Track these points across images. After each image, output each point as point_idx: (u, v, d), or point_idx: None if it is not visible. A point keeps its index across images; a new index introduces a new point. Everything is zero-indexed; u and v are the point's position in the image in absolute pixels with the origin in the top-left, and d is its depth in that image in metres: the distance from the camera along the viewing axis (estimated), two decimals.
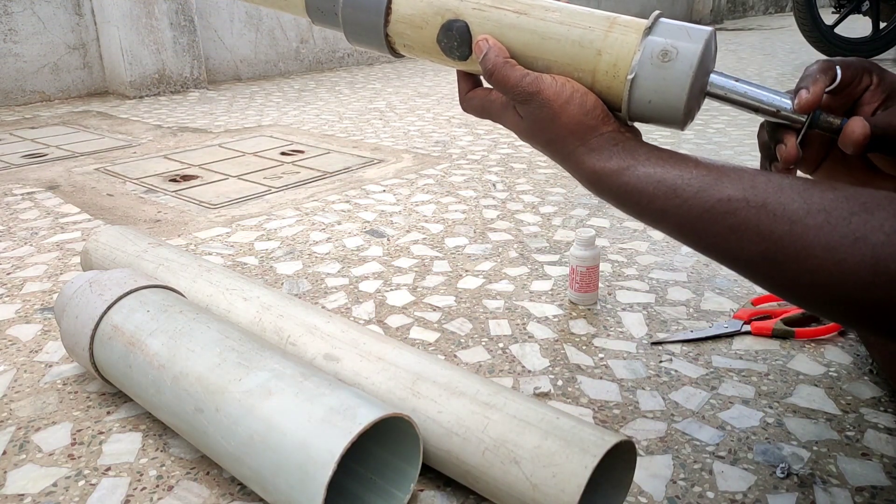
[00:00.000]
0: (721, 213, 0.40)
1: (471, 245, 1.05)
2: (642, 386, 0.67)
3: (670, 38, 0.44)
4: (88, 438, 0.61)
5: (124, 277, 0.66)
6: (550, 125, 0.46)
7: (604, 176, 0.45)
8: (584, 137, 0.46)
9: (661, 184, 0.43)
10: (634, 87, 0.44)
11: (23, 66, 2.48)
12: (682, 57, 0.43)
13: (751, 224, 0.39)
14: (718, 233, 0.41)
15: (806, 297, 0.39)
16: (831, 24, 3.19)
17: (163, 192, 1.37)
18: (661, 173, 0.43)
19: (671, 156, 0.44)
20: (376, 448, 0.54)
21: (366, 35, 0.52)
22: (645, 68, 0.44)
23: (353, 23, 0.51)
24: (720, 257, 0.42)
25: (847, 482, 0.54)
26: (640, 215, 0.45)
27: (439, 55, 0.50)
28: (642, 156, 0.45)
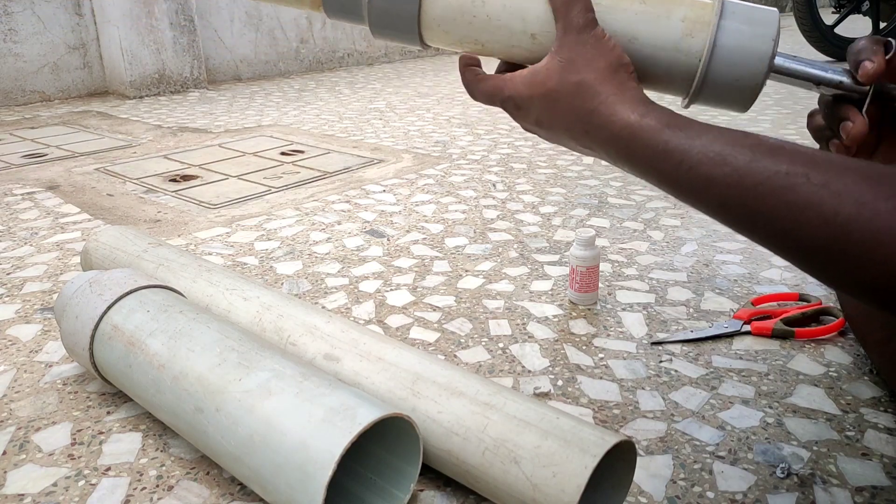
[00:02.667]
0: (777, 188, 0.35)
1: (471, 245, 1.05)
2: (642, 386, 0.67)
3: (744, 23, 0.43)
4: (88, 438, 0.61)
5: (124, 277, 0.66)
6: (586, 66, 0.41)
7: (639, 131, 0.39)
8: (621, 87, 0.41)
9: (707, 148, 0.38)
10: (713, 59, 0.43)
11: (23, 66, 2.48)
12: (760, 34, 0.43)
13: (812, 203, 0.34)
14: (772, 210, 0.35)
15: (869, 291, 0.34)
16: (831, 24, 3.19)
17: (163, 192, 1.37)
18: (708, 138, 0.38)
19: (714, 126, 0.39)
20: (376, 448, 0.54)
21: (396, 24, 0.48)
22: (724, 43, 0.42)
23: (383, 12, 0.48)
24: (770, 240, 0.37)
25: (847, 482, 0.54)
26: (676, 185, 0.39)
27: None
28: (682, 120, 0.40)
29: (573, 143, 0.44)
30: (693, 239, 1.06)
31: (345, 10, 0.50)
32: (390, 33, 0.49)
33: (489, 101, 0.48)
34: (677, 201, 1.24)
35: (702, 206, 0.39)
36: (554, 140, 0.47)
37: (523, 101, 0.44)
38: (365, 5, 0.48)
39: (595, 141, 0.42)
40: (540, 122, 0.44)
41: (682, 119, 0.40)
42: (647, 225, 1.13)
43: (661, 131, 0.39)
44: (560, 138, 0.45)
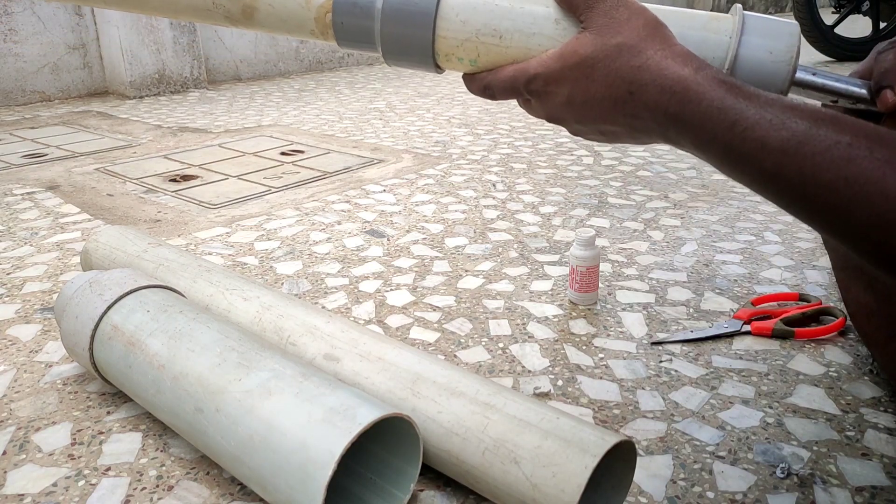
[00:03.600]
0: (837, 158, 0.33)
1: (471, 245, 1.05)
2: (642, 386, 0.67)
3: (763, 38, 0.43)
4: (88, 438, 0.61)
5: (124, 277, 0.66)
6: (624, 26, 0.39)
7: (694, 84, 0.36)
8: (666, 42, 0.38)
9: (764, 111, 0.35)
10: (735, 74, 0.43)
11: (23, 66, 2.48)
12: (779, 56, 0.42)
13: (873, 178, 0.32)
14: (830, 182, 0.33)
15: None
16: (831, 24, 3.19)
17: (163, 192, 1.37)
18: (765, 100, 0.36)
19: (770, 93, 0.37)
20: (376, 448, 0.54)
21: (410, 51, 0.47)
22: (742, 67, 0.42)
23: (396, 39, 0.47)
24: (822, 214, 0.35)
25: (847, 482, 0.54)
26: (727, 150, 0.36)
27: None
28: (736, 81, 0.37)
29: (610, 116, 0.41)
30: (693, 239, 1.06)
31: (357, 39, 0.49)
32: (404, 57, 0.48)
33: (510, 88, 0.44)
34: (678, 200, 1.24)
35: (751, 174, 0.36)
36: (587, 120, 0.43)
37: (553, 75, 0.41)
38: (377, 32, 0.47)
39: (640, 102, 0.38)
40: (572, 98, 0.41)
41: (737, 80, 0.38)
42: (647, 225, 1.13)
43: (716, 88, 0.37)
44: (595, 113, 0.41)
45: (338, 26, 0.48)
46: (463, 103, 2.36)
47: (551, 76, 0.41)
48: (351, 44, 0.49)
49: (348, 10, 0.47)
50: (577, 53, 0.40)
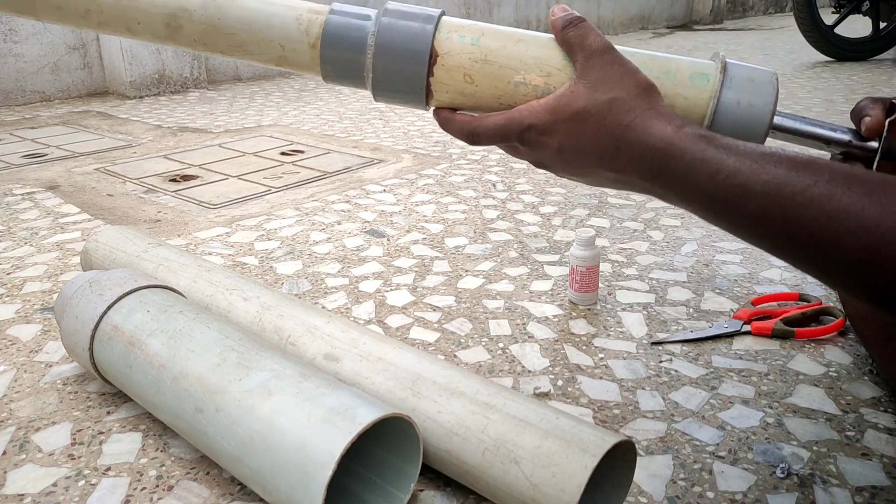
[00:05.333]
0: (818, 196, 0.34)
1: (471, 245, 1.05)
2: (642, 386, 0.67)
3: (742, 93, 0.45)
4: (88, 438, 0.61)
5: (124, 277, 0.66)
6: (617, 84, 0.41)
7: (677, 140, 0.38)
8: (653, 103, 0.40)
9: (744, 159, 0.37)
10: (714, 125, 0.45)
11: (23, 66, 2.48)
12: (757, 110, 0.44)
13: (853, 212, 0.33)
14: (812, 220, 0.34)
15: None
16: (831, 24, 3.19)
17: (163, 192, 1.37)
18: (744, 150, 0.37)
19: (748, 143, 0.39)
20: (376, 448, 0.54)
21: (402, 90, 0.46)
22: (721, 121, 0.44)
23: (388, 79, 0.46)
24: (808, 253, 0.36)
25: (847, 482, 0.54)
26: (710, 199, 0.38)
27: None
28: (717, 135, 0.39)
29: (598, 169, 0.43)
30: (693, 239, 1.06)
31: (346, 76, 0.48)
32: (394, 95, 0.47)
33: (501, 136, 0.45)
34: None
35: (737, 220, 0.38)
36: (574, 169, 0.44)
37: (546, 127, 0.42)
38: (369, 68, 0.46)
39: (626, 158, 0.40)
40: (563, 148, 0.42)
41: (716, 134, 0.40)
42: (647, 225, 1.13)
43: (697, 141, 0.38)
44: (583, 164, 0.43)
45: (325, 58, 0.47)
46: None
47: (544, 127, 0.43)
48: (337, 77, 0.48)
49: (338, 43, 0.46)
50: (570, 107, 0.42)
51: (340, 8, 0.47)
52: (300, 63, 0.48)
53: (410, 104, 0.48)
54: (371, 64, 0.45)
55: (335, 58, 0.47)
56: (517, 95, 0.45)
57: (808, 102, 2.23)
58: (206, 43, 0.48)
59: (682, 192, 0.39)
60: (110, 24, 0.49)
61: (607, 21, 5.26)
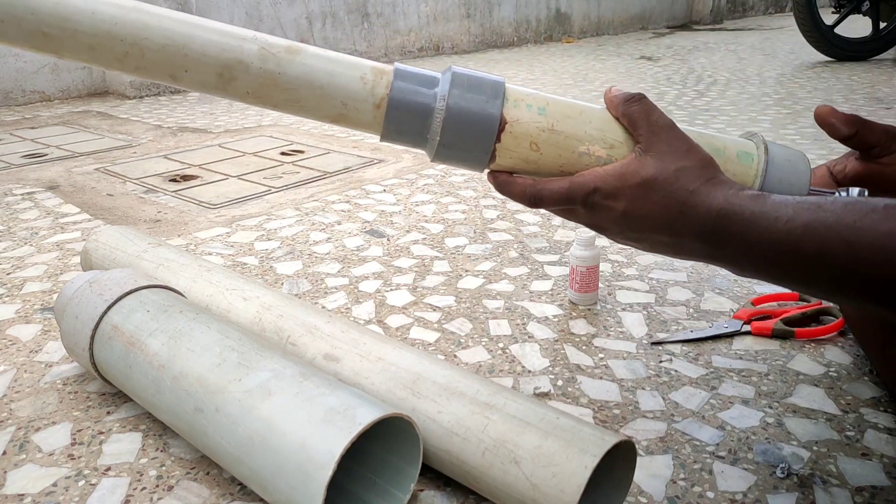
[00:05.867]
0: (879, 220, 0.37)
1: (471, 245, 1.05)
2: (642, 386, 0.67)
3: (783, 172, 0.48)
4: (88, 438, 0.61)
5: (124, 277, 0.66)
6: (684, 156, 0.44)
7: (736, 200, 0.42)
8: (717, 174, 0.44)
9: (800, 204, 0.40)
10: None
11: (23, 66, 2.48)
12: (796, 189, 0.48)
13: None
14: (877, 239, 0.37)
15: None
16: (831, 24, 3.19)
17: (163, 192, 1.37)
18: (797, 200, 0.40)
19: None
20: (376, 448, 0.54)
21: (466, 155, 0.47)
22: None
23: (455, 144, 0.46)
24: (877, 279, 0.38)
25: (847, 482, 0.54)
26: (771, 245, 0.40)
27: None
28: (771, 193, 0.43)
29: (656, 234, 0.45)
30: None
31: (408, 137, 0.48)
32: (456, 159, 0.48)
33: (566, 199, 0.46)
34: None
35: (796, 262, 0.40)
36: (633, 233, 0.46)
37: (613, 191, 0.45)
38: (436, 132, 0.46)
39: (688, 222, 0.43)
40: (627, 213, 0.45)
41: (771, 193, 0.43)
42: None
43: (755, 199, 0.42)
44: (643, 228, 0.45)
45: (390, 119, 0.46)
46: None
47: (611, 192, 0.45)
48: (398, 137, 0.47)
49: (406, 105, 0.46)
50: (638, 174, 0.44)
51: (405, 70, 0.46)
52: (360, 122, 0.47)
53: (469, 167, 0.48)
54: (440, 129, 0.45)
55: (401, 119, 0.46)
56: (580, 165, 0.47)
57: (808, 102, 2.23)
58: (260, 96, 0.46)
59: (739, 249, 0.42)
60: (150, 70, 0.45)
61: (607, 21, 5.26)
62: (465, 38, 4.15)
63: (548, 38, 4.76)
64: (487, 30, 4.29)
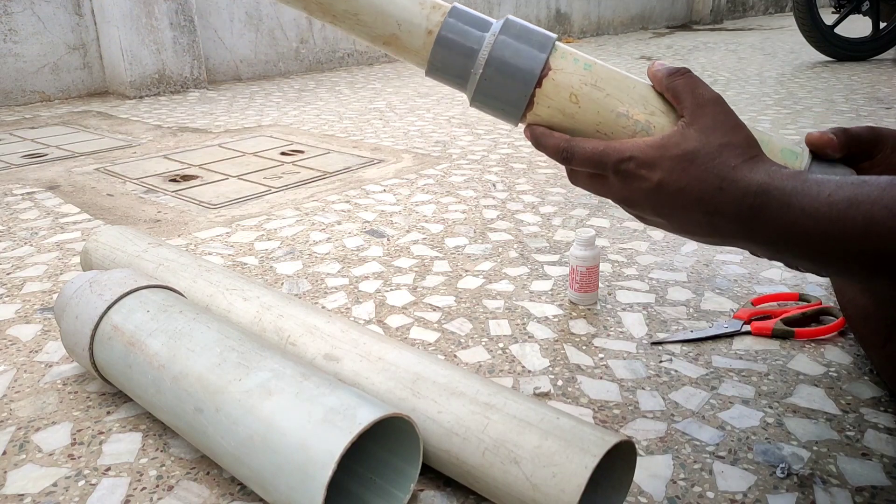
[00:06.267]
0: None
1: (471, 245, 1.05)
2: (642, 386, 0.67)
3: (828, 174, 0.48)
4: (88, 438, 0.61)
5: (124, 277, 0.66)
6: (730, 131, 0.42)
7: (777, 178, 0.40)
8: (749, 151, 0.42)
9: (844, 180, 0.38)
10: None
11: (23, 66, 2.48)
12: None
13: None
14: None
15: None
16: (831, 24, 3.19)
17: (163, 192, 1.37)
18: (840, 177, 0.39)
19: None
20: (376, 448, 0.54)
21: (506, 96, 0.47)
22: None
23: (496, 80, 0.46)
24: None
25: (847, 482, 0.54)
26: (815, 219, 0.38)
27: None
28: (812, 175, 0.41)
29: (691, 211, 0.43)
30: None
31: (452, 69, 0.48)
32: (495, 102, 0.47)
33: (597, 161, 0.45)
34: None
35: (842, 236, 0.38)
36: (665, 208, 0.44)
37: (649, 161, 0.43)
38: (480, 64, 0.46)
39: (726, 198, 0.41)
40: (663, 184, 0.43)
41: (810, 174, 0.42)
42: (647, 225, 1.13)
43: (796, 176, 0.40)
44: (677, 204, 0.43)
45: (440, 42, 0.47)
46: (463, 103, 2.36)
47: (647, 161, 0.43)
48: (442, 69, 0.48)
49: (458, 31, 0.46)
50: (679, 146, 0.43)
51: (462, 8, 0.47)
52: (410, 47, 0.48)
53: (506, 114, 0.47)
54: (484, 62, 0.46)
55: (450, 47, 0.46)
56: (616, 126, 0.46)
57: (808, 102, 2.23)
58: (322, 3, 0.47)
59: (779, 227, 0.40)
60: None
61: (607, 21, 5.26)
62: None
63: None
64: None
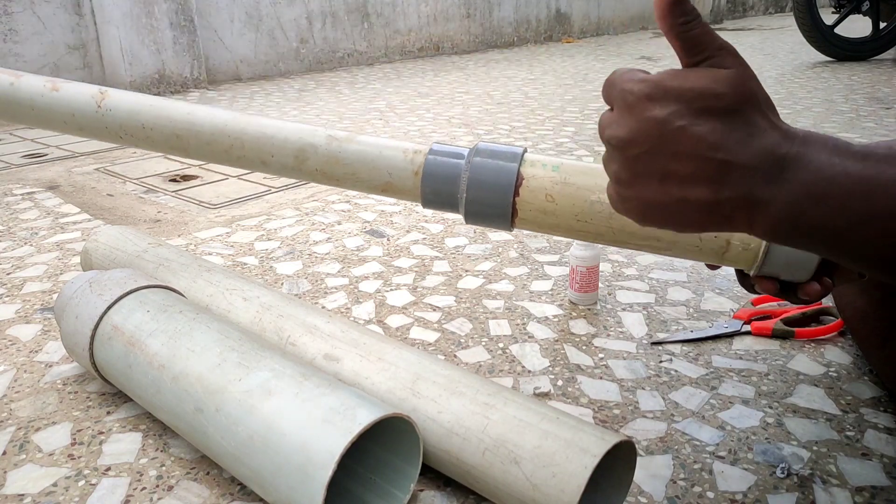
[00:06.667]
0: None
1: (471, 245, 1.05)
2: (642, 386, 0.67)
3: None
4: (88, 438, 0.61)
5: (124, 277, 0.66)
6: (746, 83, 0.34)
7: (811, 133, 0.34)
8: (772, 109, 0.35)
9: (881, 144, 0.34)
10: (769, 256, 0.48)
11: (23, 66, 2.48)
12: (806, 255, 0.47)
13: None
14: None
15: None
16: (831, 24, 3.19)
17: (163, 192, 1.37)
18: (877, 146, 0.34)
19: None
20: (376, 448, 0.54)
21: (491, 210, 0.53)
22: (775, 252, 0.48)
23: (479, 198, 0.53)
24: None
25: (847, 482, 0.54)
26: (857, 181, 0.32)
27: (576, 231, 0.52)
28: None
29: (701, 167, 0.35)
30: None
31: (442, 198, 0.55)
32: (484, 216, 0.53)
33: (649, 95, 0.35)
34: None
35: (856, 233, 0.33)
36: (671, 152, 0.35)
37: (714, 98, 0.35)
38: (463, 190, 0.53)
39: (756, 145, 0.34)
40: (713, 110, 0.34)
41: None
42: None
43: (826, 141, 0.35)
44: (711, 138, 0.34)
45: (426, 181, 0.54)
46: (463, 103, 2.36)
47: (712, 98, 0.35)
48: (434, 200, 0.55)
49: (438, 168, 0.54)
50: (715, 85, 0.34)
51: (439, 146, 0.55)
52: (403, 188, 0.56)
53: (497, 224, 0.53)
54: (465, 186, 0.52)
55: (435, 181, 0.54)
56: (593, 212, 0.50)
57: (808, 102, 2.23)
58: (326, 172, 0.58)
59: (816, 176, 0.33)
60: (247, 158, 0.60)
61: (607, 21, 5.26)
62: (465, 38, 4.15)
63: (548, 38, 4.76)
64: (487, 30, 4.29)
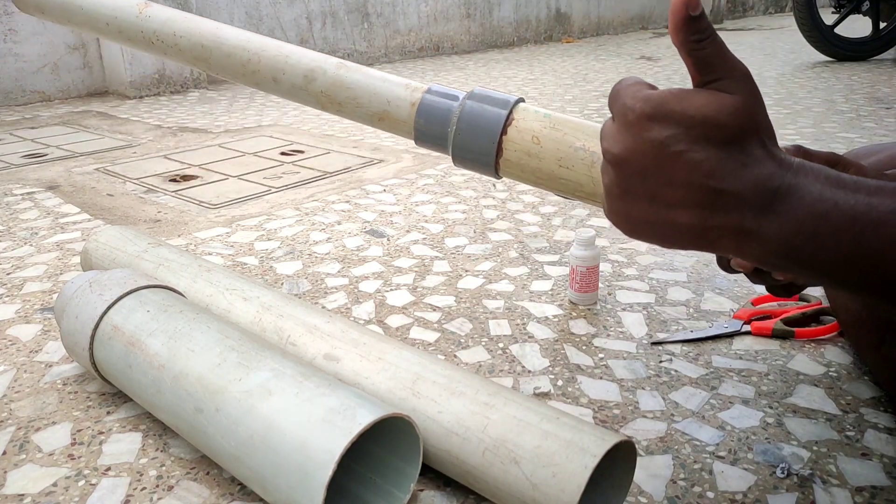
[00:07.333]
0: None
1: (471, 245, 1.05)
2: (642, 386, 0.67)
3: None
4: (88, 438, 0.61)
5: (124, 277, 0.66)
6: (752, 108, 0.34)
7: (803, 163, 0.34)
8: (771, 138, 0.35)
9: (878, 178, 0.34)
10: None
11: (23, 66, 2.48)
12: None
13: None
14: None
15: None
16: (831, 24, 3.19)
17: (163, 192, 1.37)
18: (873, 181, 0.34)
19: None
20: (376, 448, 0.54)
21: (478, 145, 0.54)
22: None
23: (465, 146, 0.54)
24: None
25: (847, 482, 0.54)
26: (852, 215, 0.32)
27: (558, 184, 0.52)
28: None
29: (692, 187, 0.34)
30: None
31: (434, 134, 0.56)
32: (469, 154, 0.55)
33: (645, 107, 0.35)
34: None
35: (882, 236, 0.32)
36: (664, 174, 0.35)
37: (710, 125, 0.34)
38: (454, 123, 0.55)
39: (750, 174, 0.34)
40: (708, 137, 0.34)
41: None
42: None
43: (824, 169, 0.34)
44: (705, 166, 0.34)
45: (421, 112, 0.56)
46: None
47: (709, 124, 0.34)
48: (424, 138, 0.57)
49: (437, 99, 0.56)
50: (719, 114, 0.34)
51: (437, 86, 0.57)
52: (398, 119, 0.58)
53: (482, 163, 0.55)
54: (456, 121, 0.54)
55: (429, 114, 0.56)
56: (576, 158, 0.52)
57: (808, 102, 2.23)
58: (330, 95, 0.60)
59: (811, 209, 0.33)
60: (261, 73, 0.62)
61: (607, 21, 5.26)
62: (465, 37, 4.15)
63: (548, 38, 4.76)
64: (487, 30, 4.29)
